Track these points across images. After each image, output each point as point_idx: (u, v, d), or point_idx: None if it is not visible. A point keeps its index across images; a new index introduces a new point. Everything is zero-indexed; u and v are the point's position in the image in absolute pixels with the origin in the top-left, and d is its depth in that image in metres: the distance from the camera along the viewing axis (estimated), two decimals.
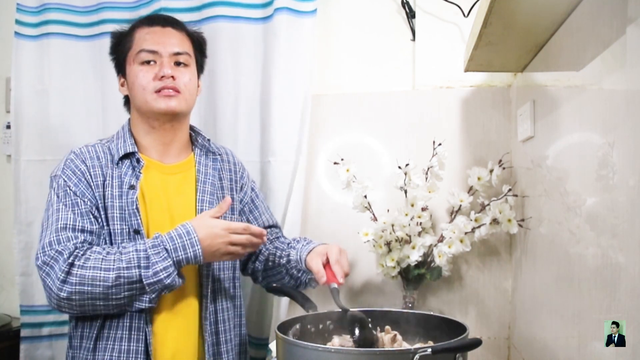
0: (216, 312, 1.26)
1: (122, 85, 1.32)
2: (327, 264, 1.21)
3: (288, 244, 1.37)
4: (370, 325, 1.13)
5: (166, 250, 1.12)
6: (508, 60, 1.31)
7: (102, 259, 1.11)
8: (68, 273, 1.09)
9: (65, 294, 1.09)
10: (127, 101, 1.34)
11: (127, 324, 1.16)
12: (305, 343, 0.96)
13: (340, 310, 1.13)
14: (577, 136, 0.98)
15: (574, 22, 0.99)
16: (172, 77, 1.23)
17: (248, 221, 1.40)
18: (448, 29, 1.60)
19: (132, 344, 1.16)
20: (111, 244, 1.18)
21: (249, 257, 1.40)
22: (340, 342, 1.11)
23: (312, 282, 1.32)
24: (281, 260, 1.34)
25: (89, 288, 1.09)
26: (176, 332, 1.21)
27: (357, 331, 1.08)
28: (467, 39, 1.34)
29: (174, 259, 1.12)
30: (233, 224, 1.18)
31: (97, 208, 1.19)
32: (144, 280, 1.10)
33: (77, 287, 1.09)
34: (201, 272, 1.25)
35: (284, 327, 1.08)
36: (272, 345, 1.19)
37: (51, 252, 1.11)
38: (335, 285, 1.16)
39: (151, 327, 1.18)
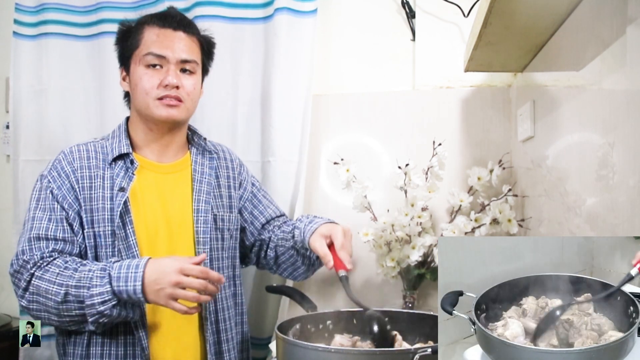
0: (217, 311, 1.25)
1: (123, 79, 1.28)
2: (332, 247, 1.17)
3: (292, 224, 1.34)
4: (387, 324, 1.08)
5: (109, 276, 1.07)
6: (508, 60, 1.31)
7: (59, 273, 1.09)
8: (29, 283, 1.10)
9: (25, 303, 1.11)
10: (127, 96, 1.31)
11: (122, 328, 1.15)
12: (305, 343, 0.96)
13: (355, 304, 1.10)
14: (577, 136, 0.98)
15: (574, 22, 0.99)
16: (177, 86, 1.21)
17: (253, 216, 1.39)
18: (448, 29, 1.60)
19: (128, 349, 1.15)
20: (95, 247, 1.17)
21: (260, 249, 1.39)
22: (341, 341, 1.11)
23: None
24: (288, 243, 1.31)
25: (44, 300, 1.09)
26: (177, 332, 1.20)
27: (375, 329, 1.05)
28: (467, 39, 1.34)
29: (114, 288, 1.06)
30: (188, 266, 1.06)
31: (78, 213, 1.17)
32: (85, 301, 1.06)
33: (34, 297, 1.10)
34: None
35: (284, 327, 1.08)
36: (272, 345, 1.19)
37: (19, 261, 1.13)
38: (344, 273, 1.12)
39: (146, 331, 1.16)
